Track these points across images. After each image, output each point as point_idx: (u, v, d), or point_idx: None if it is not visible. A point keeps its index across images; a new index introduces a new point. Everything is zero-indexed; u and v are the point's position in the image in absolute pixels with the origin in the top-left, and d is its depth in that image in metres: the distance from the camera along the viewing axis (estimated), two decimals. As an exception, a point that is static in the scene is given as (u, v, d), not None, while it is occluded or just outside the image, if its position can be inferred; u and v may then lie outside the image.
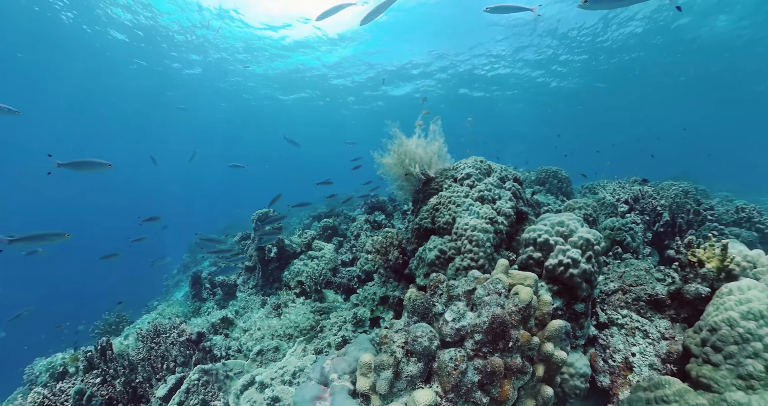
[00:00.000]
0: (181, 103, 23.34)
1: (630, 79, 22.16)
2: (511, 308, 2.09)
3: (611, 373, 2.58)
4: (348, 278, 5.42)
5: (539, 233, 2.88)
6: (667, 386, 2.12)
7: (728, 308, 2.12)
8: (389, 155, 4.18)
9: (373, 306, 4.18)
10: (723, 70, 20.03)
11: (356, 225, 6.70)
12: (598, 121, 33.28)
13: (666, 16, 15.36)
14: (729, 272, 2.53)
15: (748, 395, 1.83)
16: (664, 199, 5.02)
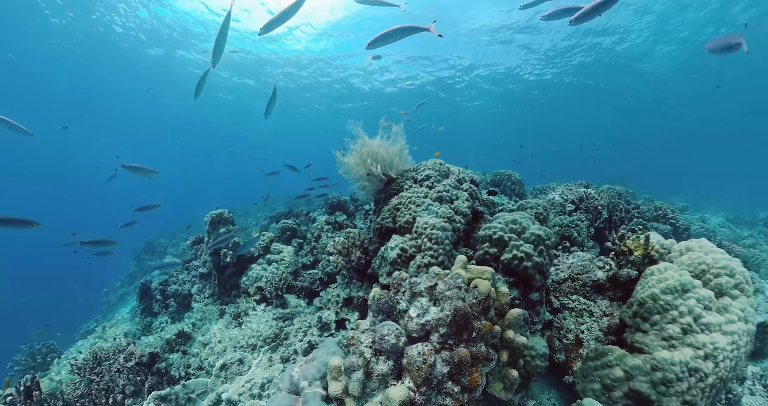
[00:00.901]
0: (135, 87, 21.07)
1: (576, 97, 24.41)
2: (471, 301, 2.18)
3: (566, 350, 2.90)
4: (310, 281, 5.24)
5: (494, 231, 3.06)
6: (609, 353, 2.52)
7: (651, 286, 2.58)
8: (351, 155, 4.12)
9: (338, 308, 4.10)
10: (652, 91, 22.75)
11: (317, 226, 6.48)
12: (550, 129, 36.20)
13: (608, 45, 17.11)
14: (651, 257, 2.97)
15: (671, 352, 2.27)
16: (603, 200, 5.54)
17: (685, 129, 36.41)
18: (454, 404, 2.03)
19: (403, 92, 24.15)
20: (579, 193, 5.61)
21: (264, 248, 5.90)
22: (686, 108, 25.41)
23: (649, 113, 28.89)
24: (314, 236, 6.31)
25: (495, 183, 7.20)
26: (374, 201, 4.48)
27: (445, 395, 2.03)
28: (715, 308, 2.42)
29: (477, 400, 2.42)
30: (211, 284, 5.83)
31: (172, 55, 18.12)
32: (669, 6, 13.83)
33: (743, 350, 2.33)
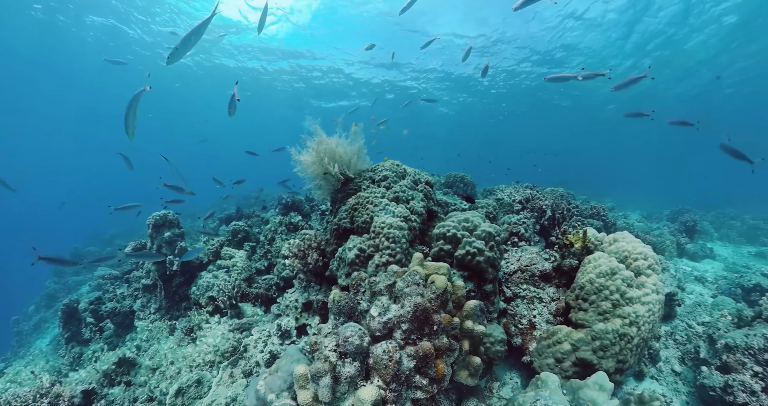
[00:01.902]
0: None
1: (527, 111, 26.72)
2: (430, 296, 2.24)
3: (521, 333, 3.17)
4: (265, 287, 4.97)
5: (448, 228, 3.19)
6: (558, 332, 2.89)
7: (588, 272, 3.02)
8: (308, 153, 3.99)
9: (297, 314, 3.95)
10: (587, 110, 25.39)
11: (270, 228, 6.12)
12: (502, 137, 38.74)
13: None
14: (588, 248, 3.36)
15: (605, 324, 2.76)
16: (547, 200, 6.01)
17: (613, 142, 42.99)
18: (424, 396, 2.08)
19: (371, 93, 24.25)
20: (525, 194, 6.03)
21: (214, 254, 5.46)
22: (614, 125, 29.52)
23: (585, 128, 33.25)
24: (267, 239, 5.97)
25: (448, 185, 7.47)
26: (331, 201, 4.40)
27: (415, 389, 2.07)
28: (635, 285, 2.90)
29: (446, 389, 2.53)
30: (157, 297, 5.25)
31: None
32: (603, 45, 16.29)
33: (657, 315, 2.86)
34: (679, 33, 14.72)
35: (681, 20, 13.78)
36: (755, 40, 14.42)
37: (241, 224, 6.74)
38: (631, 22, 14.34)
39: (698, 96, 20.90)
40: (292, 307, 4.03)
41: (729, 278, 5.77)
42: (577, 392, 2.18)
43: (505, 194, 6.25)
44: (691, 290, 5.27)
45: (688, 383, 3.26)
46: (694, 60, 16.66)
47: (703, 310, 4.34)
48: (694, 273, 6.04)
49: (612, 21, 14.36)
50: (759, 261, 7.02)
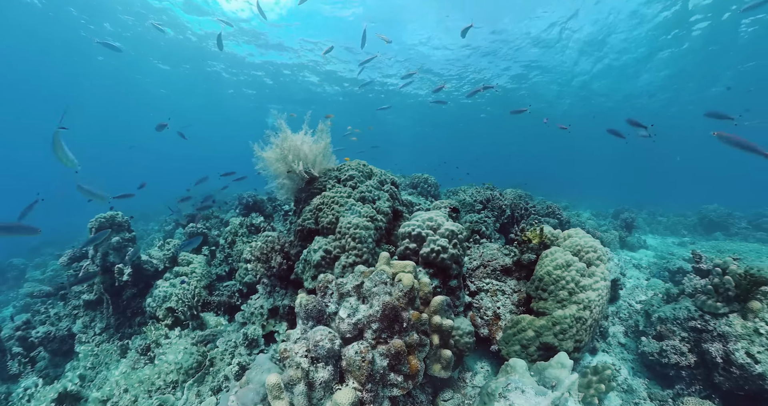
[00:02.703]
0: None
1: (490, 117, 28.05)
2: (398, 294, 2.25)
3: (488, 324, 3.34)
4: (228, 294, 4.71)
5: (413, 228, 3.25)
6: (522, 321, 3.11)
7: (546, 265, 3.28)
8: (271, 149, 3.79)
9: (264, 321, 3.78)
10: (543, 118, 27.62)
11: (230, 230, 5.78)
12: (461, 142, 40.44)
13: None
14: (545, 244, 3.60)
15: (563, 310, 3.01)
16: (507, 200, 6.32)
17: (567, 148, 47.50)
18: (401, 393, 2.09)
19: (337, 94, 23.87)
20: (486, 195, 6.30)
21: (171, 260, 5.04)
22: (567, 133, 31.55)
23: (542, 135, 36.30)
24: (228, 242, 5.63)
25: (413, 185, 7.61)
26: (294, 201, 4.27)
27: (391, 387, 2.08)
28: (587, 274, 3.21)
29: (421, 384, 2.57)
30: (103, 314, 4.66)
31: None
32: (567, 67, 18.32)
33: (605, 298, 3.21)
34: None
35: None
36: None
37: (199, 227, 6.32)
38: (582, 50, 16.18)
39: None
40: (257, 314, 3.85)
41: (659, 263, 6.71)
42: (543, 373, 2.36)
43: (467, 195, 6.48)
44: (631, 276, 6.02)
45: (632, 352, 3.83)
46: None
47: (640, 291, 5.08)
48: (633, 261, 6.95)
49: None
50: (680, 249, 8.20)
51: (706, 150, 37.94)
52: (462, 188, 7.55)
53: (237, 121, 31.30)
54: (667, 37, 14.67)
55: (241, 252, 5.10)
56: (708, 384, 3.04)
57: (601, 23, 14.45)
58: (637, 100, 21.79)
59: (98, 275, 4.53)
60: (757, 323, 2.86)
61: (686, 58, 16.06)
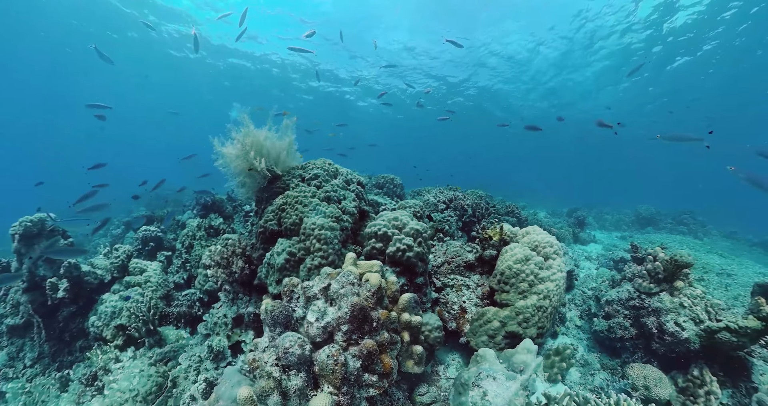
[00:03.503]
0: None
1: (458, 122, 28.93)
2: (366, 294, 2.24)
3: (455, 318, 3.47)
4: (188, 304, 4.37)
5: (379, 227, 3.28)
6: (487, 313, 3.29)
7: (507, 259, 3.48)
8: (232, 145, 3.58)
9: (229, 331, 3.57)
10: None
11: (187, 233, 5.34)
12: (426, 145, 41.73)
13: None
14: (505, 240, 3.80)
15: (524, 301, 3.25)
16: (468, 201, 6.56)
17: (524, 151, 50.83)
18: (377, 392, 2.08)
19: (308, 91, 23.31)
20: (449, 195, 6.51)
21: (119, 269, 4.51)
22: (526, 137, 35.61)
23: (503, 139, 38.60)
24: (185, 246, 5.23)
25: (379, 185, 7.65)
26: (256, 200, 4.08)
27: (367, 387, 2.07)
28: (545, 267, 3.47)
29: (396, 381, 2.58)
30: (35, 341, 3.96)
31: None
32: (529, 77, 19.67)
33: (562, 288, 3.51)
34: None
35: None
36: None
37: (152, 230, 5.79)
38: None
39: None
40: (221, 324, 3.62)
41: (605, 255, 7.50)
42: (511, 359, 2.51)
43: (431, 195, 6.64)
44: (583, 266, 6.60)
45: (587, 332, 4.30)
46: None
47: (591, 279, 5.68)
48: (584, 254, 7.61)
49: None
50: (622, 242, 9.15)
51: (643, 155, 42.29)
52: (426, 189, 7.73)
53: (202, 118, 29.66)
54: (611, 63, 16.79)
55: (199, 257, 4.74)
56: (648, 351, 3.57)
57: (562, 41, 15.96)
58: (592, 111, 23.76)
59: (17, 278, 3.87)
60: (681, 299, 3.48)
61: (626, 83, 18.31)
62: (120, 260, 4.52)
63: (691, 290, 3.56)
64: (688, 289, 3.56)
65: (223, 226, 5.72)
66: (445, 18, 14.93)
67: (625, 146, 36.11)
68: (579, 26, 14.66)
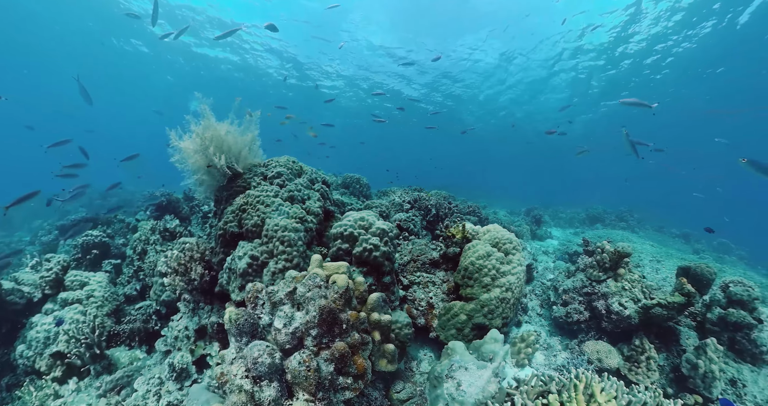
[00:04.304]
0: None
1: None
2: (333, 296, 2.22)
3: (423, 314, 3.57)
4: (143, 318, 3.94)
5: (345, 228, 3.26)
6: (454, 307, 3.41)
7: (469, 256, 3.64)
8: (191, 139, 3.33)
9: (192, 345, 3.31)
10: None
11: (139, 237, 4.84)
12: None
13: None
14: (467, 238, 3.96)
15: (488, 294, 3.41)
16: (432, 201, 6.73)
17: (484, 154, 53.59)
18: (354, 394, 2.06)
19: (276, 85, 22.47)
20: (414, 196, 6.66)
21: (53, 283, 3.89)
22: (487, 143, 37.73)
23: (465, 143, 40.26)
24: (137, 253, 4.74)
25: (345, 185, 7.61)
26: (215, 200, 3.87)
27: (343, 391, 2.04)
28: (506, 262, 3.69)
29: (372, 381, 2.57)
30: None
31: None
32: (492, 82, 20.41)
33: (522, 281, 3.77)
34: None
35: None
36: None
37: (96, 234, 5.14)
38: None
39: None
40: (182, 338, 3.34)
41: (561, 249, 8.13)
42: (480, 349, 2.63)
43: (396, 196, 6.73)
44: (541, 260, 7.03)
45: (547, 319, 4.63)
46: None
47: (549, 271, 6.13)
48: (542, 249, 8.11)
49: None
50: (576, 237, 9.90)
51: (589, 160, 46.07)
52: (392, 189, 7.82)
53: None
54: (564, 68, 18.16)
55: (154, 264, 4.36)
56: (599, 329, 4.05)
57: (519, 51, 17.11)
58: (544, 114, 25.27)
59: None
60: (623, 283, 4.00)
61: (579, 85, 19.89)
62: (53, 273, 3.91)
63: (630, 275, 4.10)
64: (628, 274, 4.09)
65: (180, 228, 5.28)
66: (418, 23, 15.37)
67: (572, 153, 39.46)
68: (536, 44, 16.15)
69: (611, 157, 36.70)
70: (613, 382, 1.88)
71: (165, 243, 4.84)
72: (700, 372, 3.09)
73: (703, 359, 3.12)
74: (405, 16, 14.97)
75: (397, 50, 17.71)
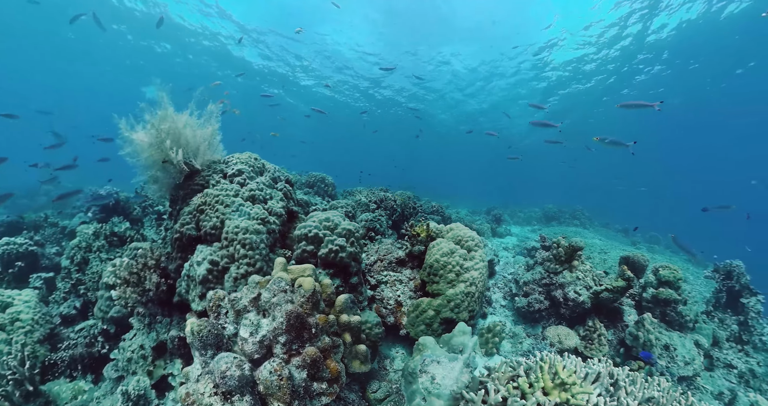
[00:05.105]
0: None
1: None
2: (300, 300, 2.16)
3: (392, 313, 3.62)
4: (86, 342, 3.35)
5: (310, 229, 3.19)
6: (422, 304, 3.49)
7: (434, 253, 3.73)
8: (145, 130, 3.02)
9: (149, 365, 2.96)
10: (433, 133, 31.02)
11: (78, 244, 4.21)
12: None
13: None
14: (431, 236, 4.08)
15: (454, 289, 3.52)
16: (398, 201, 6.81)
17: (448, 156, 55.43)
18: (331, 399, 2.02)
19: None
20: (380, 196, 6.69)
21: None
22: (451, 146, 39.47)
23: (430, 146, 42.05)
24: (76, 263, 4.09)
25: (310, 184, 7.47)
26: (170, 200, 3.55)
27: (319, 396, 1.99)
28: (469, 258, 3.80)
29: (347, 383, 2.56)
30: None
31: None
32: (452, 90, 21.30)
33: (485, 275, 3.94)
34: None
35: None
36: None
37: (20, 242, 4.39)
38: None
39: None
40: (138, 358, 2.97)
41: (520, 245, 8.59)
42: (450, 342, 2.67)
43: (363, 196, 6.73)
44: (502, 256, 7.36)
45: (511, 309, 4.93)
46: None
47: (510, 266, 6.51)
48: (502, 245, 8.59)
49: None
50: (533, 234, 10.57)
51: (543, 164, 49.46)
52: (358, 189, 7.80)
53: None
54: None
55: (99, 275, 3.86)
56: (558, 316, 4.41)
57: (482, 63, 18.39)
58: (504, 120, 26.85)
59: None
60: (577, 273, 4.36)
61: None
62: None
63: (583, 266, 4.48)
64: (581, 266, 4.47)
65: (131, 232, 4.74)
66: (389, 25, 15.65)
67: (529, 156, 42.68)
68: (493, 59, 17.65)
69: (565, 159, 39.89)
70: (573, 360, 2.05)
71: (113, 250, 4.33)
72: (640, 342, 3.70)
73: (642, 331, 3.72)
74: (380, 19, 15.27)
75: (370, 52, 17.92)
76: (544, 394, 1.71)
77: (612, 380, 1.97)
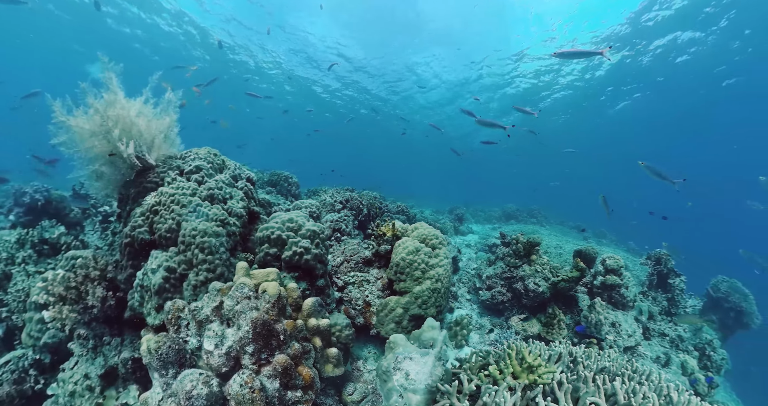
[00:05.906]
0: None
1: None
2: (266, 307, 2.07)
3: (361, 313, 3.63)
4: (13, 378, 2.77)
5: (272, 231, 3.08)
6: (390, 302, 3.54)
7: (400, 252, 3.80)
8: (87, 116, 2.57)
9: (98, 397, 2.56)
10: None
11: None
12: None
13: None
14: (397, 236, 4.13)
15: (420, 286, 3.59)
16: (364, 201, 6.79)
17: (416, 157, 56.43)
18: None
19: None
20: (345, 196, 6.63)
21: None
22: (419, 146, 40.29)
23: (398, 148, 42.74)
24: None
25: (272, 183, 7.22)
26: (119, 199, 3.18)
27: (295, 405, 1.92)
28: (433, 256, 3.88)
29: (322, 389, 2.51)
30: None
31: None
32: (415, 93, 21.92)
33: (450, 271, 4.02)
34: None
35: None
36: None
37: None
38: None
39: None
40: (82, 391, 2.54)
41: (481, 242, 9.00)
42: (420, 338, 2.73)
43: (328, 195, 6.63)
44: (465, 252, 7.69)
45: (476, 303, 5.20)
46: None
47: (473, 262, 6.75)
48: (465, 242, 8.92)
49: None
50: (493, 232, 11.06)
51: (503, 167, 51.98)
52: (323, 189, 7.68)
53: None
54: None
55: (26, 293, 3.30)
56: (520, 306, 4.73)
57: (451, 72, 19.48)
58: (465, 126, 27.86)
59: None
60: (536, 267, 4.68)
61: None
62: None
63: (540, 259, 4.81)
64: (539, 259, 4.80)
65: (67, 238, 4.14)
66: (362, 24, 15.67)
67: (487, 159, 44.41)
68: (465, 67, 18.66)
69: (523, 162, 42.12)
70: (537, 344, 2.26)
71: (43, 261, 3.70)
72: (592, 322, 4.26)
73: (593, 314, 4.28)
74: (350, 17, 15.26)
75: (342, 45, 17.82)
76: (514, 378, 1.81)
77: (572, 357, 2.16)
